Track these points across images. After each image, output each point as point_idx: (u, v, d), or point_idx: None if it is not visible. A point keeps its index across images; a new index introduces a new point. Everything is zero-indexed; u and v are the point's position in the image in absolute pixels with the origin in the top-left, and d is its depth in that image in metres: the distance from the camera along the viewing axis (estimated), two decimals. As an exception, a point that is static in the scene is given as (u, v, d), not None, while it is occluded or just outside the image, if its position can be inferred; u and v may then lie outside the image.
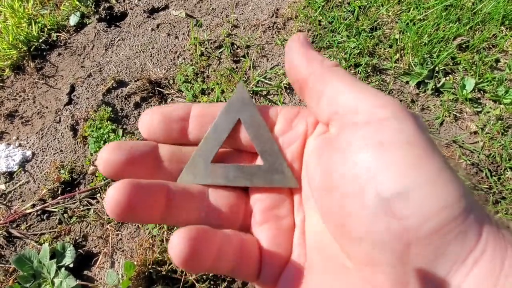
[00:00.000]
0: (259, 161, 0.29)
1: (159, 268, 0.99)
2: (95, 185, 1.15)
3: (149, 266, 0.99)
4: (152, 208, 0.25)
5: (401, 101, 1.26)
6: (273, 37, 1.42)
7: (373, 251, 0.21)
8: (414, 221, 0.19)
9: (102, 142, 1.18)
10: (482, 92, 1.27)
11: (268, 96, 1.29)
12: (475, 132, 1.19)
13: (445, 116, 1.22)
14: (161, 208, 0.25)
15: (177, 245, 0.22)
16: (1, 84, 1.38)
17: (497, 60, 1.33)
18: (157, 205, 0.25)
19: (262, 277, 0.26)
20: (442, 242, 0.19)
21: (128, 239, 1.07)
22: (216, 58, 1.38)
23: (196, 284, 0.97)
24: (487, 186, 1.10)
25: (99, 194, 1.14)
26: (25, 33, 1.43)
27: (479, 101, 1.25)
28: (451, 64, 1.32)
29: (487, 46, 1.36)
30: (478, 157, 1.15)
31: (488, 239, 0.19)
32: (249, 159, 0.30)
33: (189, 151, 0.29)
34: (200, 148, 0.28)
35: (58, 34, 1.49)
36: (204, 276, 0.98)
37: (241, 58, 1.38)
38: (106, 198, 0.23)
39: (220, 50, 1.40)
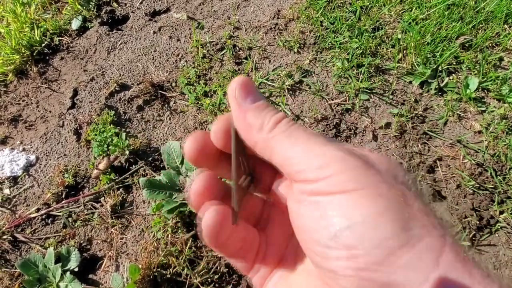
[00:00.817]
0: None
1: (163, 271, 0.99)
2: (99, 188, 1.15)
3: (154, 270, 0.99)
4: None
5: (404, 101, 1.26)
6: (275, 38, 1.42)
7: (330, 275, 0.23)
8: (362, 249, 0.21)
9: (105, 145, 1.19)
10: (486, 91, 1.26)
11: (271, 98, 1.29)
12: (480, 132, 1.19)
13: (449, 115, 1.22)
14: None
15: (208, 219, 0.27)
16: (5, 89, 1.39)
17: (501, 59, 1.32)
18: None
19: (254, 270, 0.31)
20: (392, 269, 0.21)
21: (132, 242, 1.07)
22: (218, 60, 1.38)
23: (201, 287, 0.97)
24: (492, 186, 1.09)
25: (103, 198, 1.14)
26: (27, 38, 1.44)
27: (483, 100, 1.25)
28: (454, 63, 1.31)
29: (490, 44, 1.35)
30: (483, 156, 1.14)
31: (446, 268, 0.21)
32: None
33: None
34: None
35: (60, 38, 1.49)
36: (209, 279, 0.98)
37: (243, 60, 1.38)
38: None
39: (222, 52, 1.40)
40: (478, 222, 1.04)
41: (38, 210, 1.14)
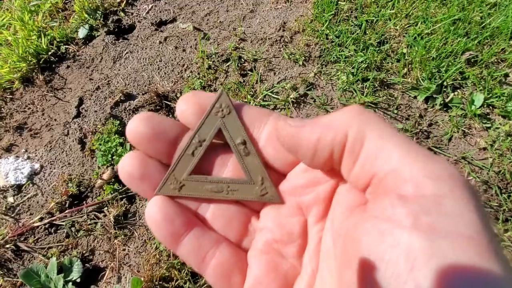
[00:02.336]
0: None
1: (166, 285, 0.99)
2: (102, 198, 1.15)
3: (156, 282, 0.99)
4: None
5: (409, 116, 1.26)
6: (280, 50, 1.42)
7: None
8: None
9: (109, 155, 1.19)
10: (491, 107, 1.26)
11: (275, 110, 1.29)
12: (484, 148, 1.18)
13: (454, 132, 1.21)
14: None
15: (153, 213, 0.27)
16: (11, 96, 1.40)
17: (506, 75, 1.32)
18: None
19: None
20: None
21: (135, 253, 1.07)
22: (224, 71, 1.39)
23: (203, 302, 0.96)
24: (496, 204, 1.08)
25: (106, 208, 1.14)
26: (34, 46, 1.45)
27: (488, 116, 1.24)
28: (459, 79, 1.31)
29: (496, 60, 1.35)
30: (488, 173, 1.14)
31: None
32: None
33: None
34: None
35: (67, 46, 1.50)
36: (211, 293, 0.98)
37: (248, 72, 1.38)
38: (119, 164, 0.27)
39: (228, 63, 1.40)
40: (482, 241, 1.03)
41: (41, 219, 1.14)
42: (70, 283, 1.01)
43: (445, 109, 1.27)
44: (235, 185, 0.28)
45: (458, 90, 1.30)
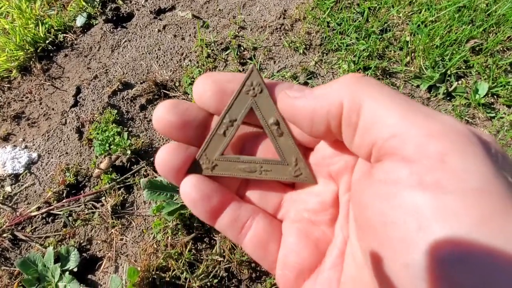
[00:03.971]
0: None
1: (163, 274, 0.98)
2: (100, 188, 1.14)
3: (153, 272, 0.98)
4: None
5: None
6: (280, 39, 1.40)
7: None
8: None
9: (107, 145, 1.18)
10: (495, 97, 1.23)
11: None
12: (488, 138, 1.16)
13: (457, 121, 1.19)
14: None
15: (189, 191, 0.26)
16: (8, 85, 1.39)
17: (512, 64, 1.29)
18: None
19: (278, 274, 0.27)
20: None
21: (132, 243, 1.07)
22: (223, 60, 1.36)
23: (200, 291, 0.95)
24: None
25: (103, 197, 1.13)
26: (32, 34, 1.43)
27: (492, 106, 1.22)
28: (463, 67, 1.28)
29: (501, 49, 1.32)
30: (491, 164, 1.11)
31: None
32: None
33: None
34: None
35: (64, 35, 1.48)
36: (208, 283, 0.97)
37: (248, 60, 1.36)
38: (156, 158, 0.27)
39: (227, 52, 1.38)
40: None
41: (39, 208, 1.13)
42: (67, 273, 1.01)
43: (448, 98, 1.24)
44: (268, 165, 0.28)
45: (462, 79, 1.27)
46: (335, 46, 1.35)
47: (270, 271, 0.28)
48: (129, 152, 1.17)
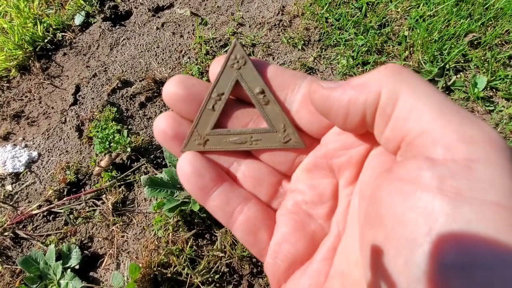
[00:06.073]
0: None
1: (164, 270, 0.98)
2: (100, 186, 1.15)
3: (154, 268, 0.98)
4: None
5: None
6: (279, 35, 1.40)
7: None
8: None
9: (107, 142, 1.18)
10: (494, 90, 1.23)
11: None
12: (487, 132, 1.16)
13: (456, 115, 1.19)
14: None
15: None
16: (8, 85, 1.39)
17: (510, 57, 1.29)
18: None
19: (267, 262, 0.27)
20: None
21: (133, 240, 1.07)
22: (222, 57, 1.36)
23: (201, 287, 0.96)
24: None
25: (104, 195, 1.13)
26: (30, 33, 1.43)
27: (491, 99, 1.22)
28: (462, 61, 1.28)
29: (499, 42, 1.32)
30: (490, 157, 1.12)
31: None
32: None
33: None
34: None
35: (63, 34, 1.48)
36: (210, 279, 0.97)
37: (247, 57, 1.36)
38: (155, 123, 0.28)
39: (226, 48, 1.38)
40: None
41: (39, 206, 1.13)
42: (69, 270, 1.01)
43: (447, 92, 1.24)
44: (258, 134, 0.29)
45: (460, 73, 1.27)
46: (333, 41, 1.35)
47: (259, 258, 0.29)
48: (129, 149, 1.17)
